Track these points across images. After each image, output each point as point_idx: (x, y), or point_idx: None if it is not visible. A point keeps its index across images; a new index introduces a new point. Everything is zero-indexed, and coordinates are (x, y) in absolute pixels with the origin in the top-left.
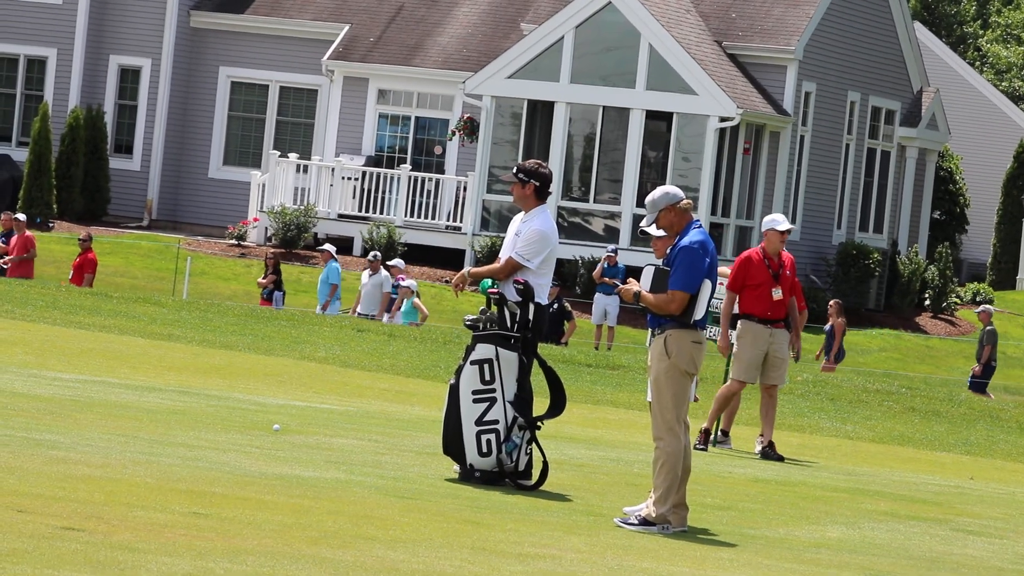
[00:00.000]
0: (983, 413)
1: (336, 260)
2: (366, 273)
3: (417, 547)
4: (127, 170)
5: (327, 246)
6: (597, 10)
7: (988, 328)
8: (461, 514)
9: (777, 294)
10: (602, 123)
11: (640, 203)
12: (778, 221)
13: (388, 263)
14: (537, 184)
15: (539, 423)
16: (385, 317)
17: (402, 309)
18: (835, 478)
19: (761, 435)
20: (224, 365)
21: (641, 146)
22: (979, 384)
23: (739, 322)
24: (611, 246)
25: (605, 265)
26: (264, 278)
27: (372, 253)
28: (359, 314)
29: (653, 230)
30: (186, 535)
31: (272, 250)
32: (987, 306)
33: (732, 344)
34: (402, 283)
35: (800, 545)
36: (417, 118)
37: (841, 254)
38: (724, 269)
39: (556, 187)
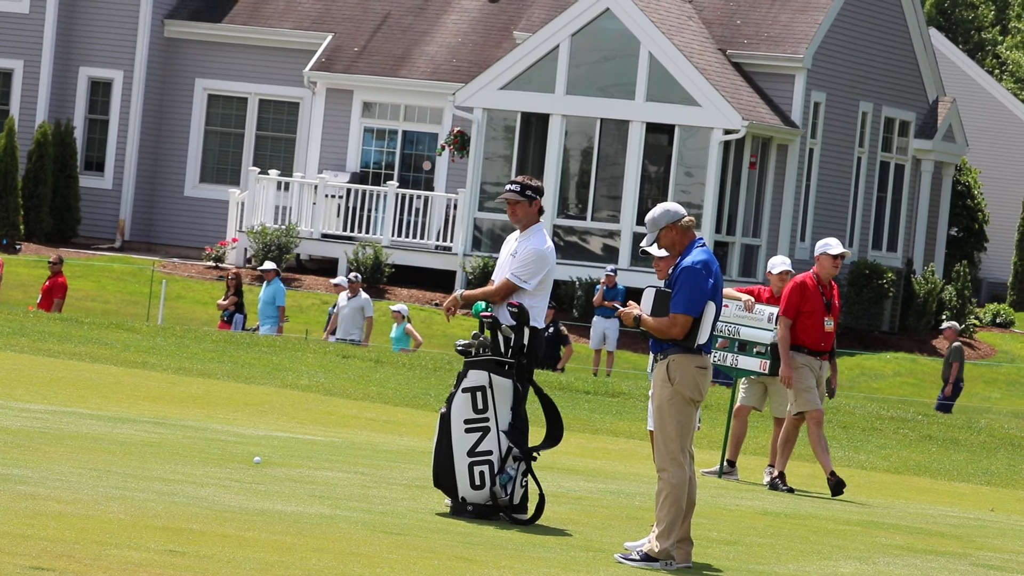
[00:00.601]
0: (1004, 441)
1: (280, 278)
2: (343, 295)
3: None
4: (98, 188)
5: (268, 264)
6: (594, 17)
7: (954, 345)
8: (453, 550)
9: (829, 325)
10: (600, 136)
11: (640, 221)
12: (831, 244)
13: (333, 281)
14: (541, 201)
15: (535, 454)
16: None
17: (393, 335)
18: (848, 510)
19: (771, 465)
20: (202, 394)
21: (641, 160)
22: (946, 405)
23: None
24: (610, 266)
25: (604, 287)
26: (225, 299)
27: (352, 274)
28: (337, 339)
29: (655, 250)
30: (162, 574)
31: (235, 269)
32: (952, 323)
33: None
34: (390, 308)
35: None
36: (404, 132)
37: (853, 274)
38: (730, 290)
39: (552, 204)
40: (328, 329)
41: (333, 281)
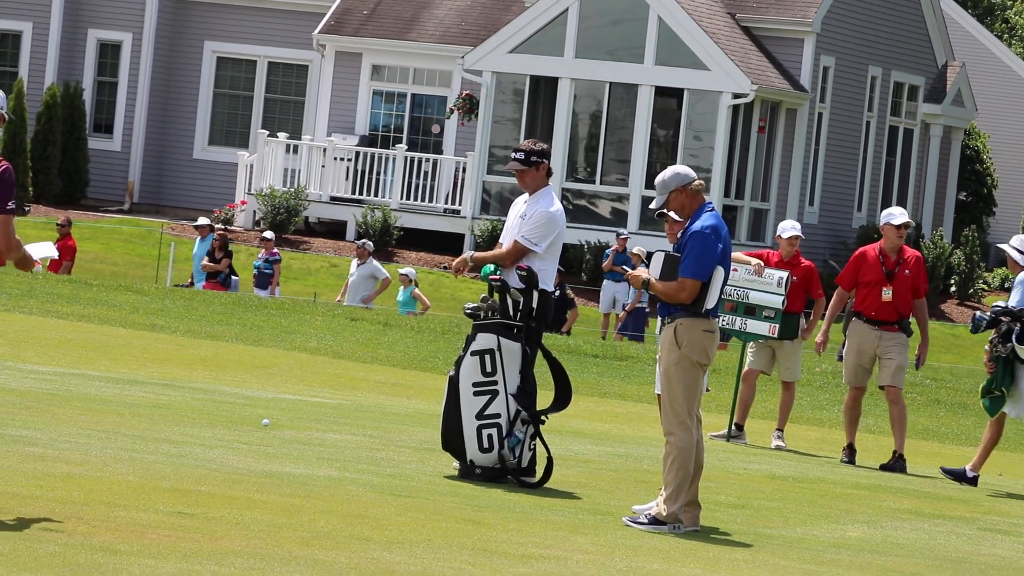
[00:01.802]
0: None
1: (214, 233)
2: (354, 262)
3: (415, 548)
4: (107, 151)
5: (202, 220)
6: None
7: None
8: (461, 513)
9: (886, 295)
10: (609, 100)
11: (649, 185)
12: (893, 215)
13: (265, 234)
14: (548, 163)
15: (543, 417)
16: (259, 292)
17: (399, 298)
18: (856, 474)
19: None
20: (210, 356)
21: (650, 124)
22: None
23: (852, 320)
24: (623, 231)
25: (615, 251)
26: (217, 261)
27: (362, 241)
28: (347, 306)
29: (673, 214)
30: (171, 536)
31: (220, 230)
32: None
33: (831, 344)
34: (398, 271)
35: (819, 545)
36: (413, 95)
37: (861, 238)
38: (739, 254)
39: (560, 168)
40: (340, 296)
41: (364, 247)
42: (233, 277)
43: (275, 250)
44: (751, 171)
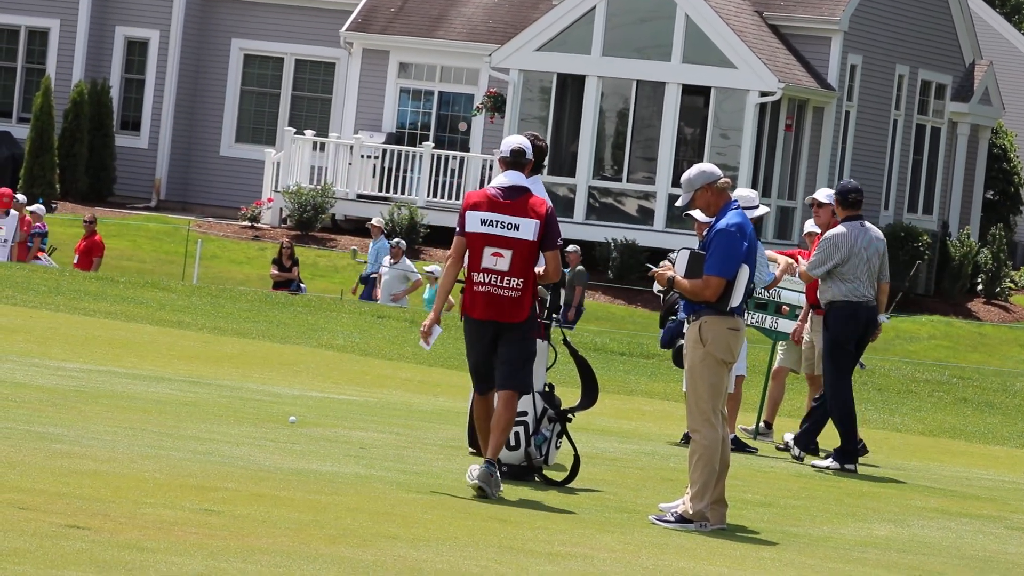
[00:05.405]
0: None
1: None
2: (386, 261)
3: (441, 546)
4: (134, 148)
5: (31, 205)
6: None
7: (578, 269)
8: (487, 511)
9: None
10: (636, 98)
11: (676, 183)
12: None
13: (29, 207)
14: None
15: (570, 415)
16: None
17: (425, 296)
18: (883, 473)
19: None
20: (237, 354)
21: (677, 122)
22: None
23: None
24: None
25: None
26: (287, 269)
27: (396, 240)
28: (380, 303)
29: (698, 215)
30: (197, 533)
31: (286, 239)
32: (575, 247)
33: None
34: (424, 268)
35: (846, 544)
36: (440, 93)
37: (888, 236)
38: (770, 253)
39: (587, 166)
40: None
41: (398, 246)
42: (302, 285)
43: (40, 224)
44: (778, 169)
